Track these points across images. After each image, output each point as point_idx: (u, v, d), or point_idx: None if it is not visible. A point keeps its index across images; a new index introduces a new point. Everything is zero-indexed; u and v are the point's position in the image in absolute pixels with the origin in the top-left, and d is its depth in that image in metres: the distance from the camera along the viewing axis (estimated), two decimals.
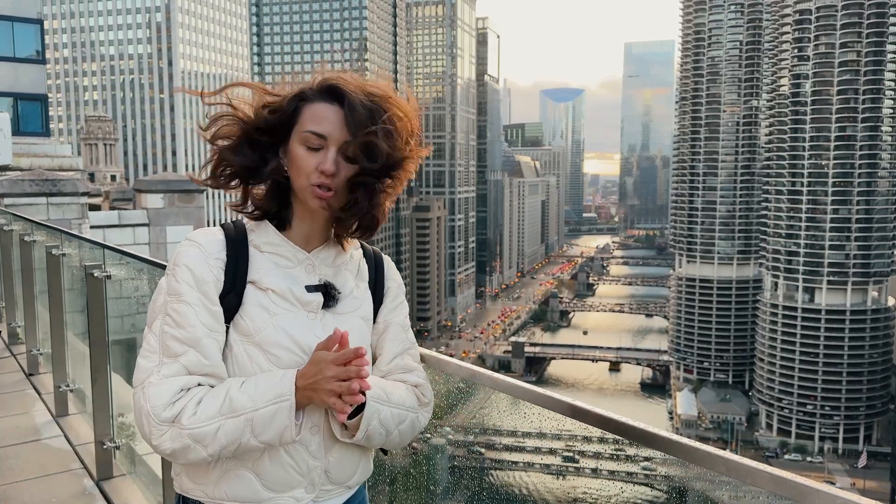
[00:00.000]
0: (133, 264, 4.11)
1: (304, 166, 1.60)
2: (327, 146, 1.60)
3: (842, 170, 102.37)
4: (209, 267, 1.61)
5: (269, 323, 1.61)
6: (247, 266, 1.65)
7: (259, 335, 1.60)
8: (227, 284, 1.62)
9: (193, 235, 1.67)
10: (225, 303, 1.61)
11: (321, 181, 1.59)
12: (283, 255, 1.68)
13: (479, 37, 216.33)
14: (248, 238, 1.69)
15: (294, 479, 1.63)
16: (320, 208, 1.63)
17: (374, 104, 1.61)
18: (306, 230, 1.71)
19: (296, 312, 1.65)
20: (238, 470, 1.61)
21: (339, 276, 1.74)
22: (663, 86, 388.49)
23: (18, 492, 4.08)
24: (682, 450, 1.44)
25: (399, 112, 1.64)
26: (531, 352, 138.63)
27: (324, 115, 1.61)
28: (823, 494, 1.19)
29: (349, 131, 1.60)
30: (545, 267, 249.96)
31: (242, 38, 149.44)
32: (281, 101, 1.66)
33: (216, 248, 1.64)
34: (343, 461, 1.69)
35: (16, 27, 28.64)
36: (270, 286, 1.64)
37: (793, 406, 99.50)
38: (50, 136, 32.35)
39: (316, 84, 1.65)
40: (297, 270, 1.68)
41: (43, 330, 6.18)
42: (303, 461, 1.63)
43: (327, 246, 1.73)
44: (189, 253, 1.63)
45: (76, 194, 15.35)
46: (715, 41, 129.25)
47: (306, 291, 1.67)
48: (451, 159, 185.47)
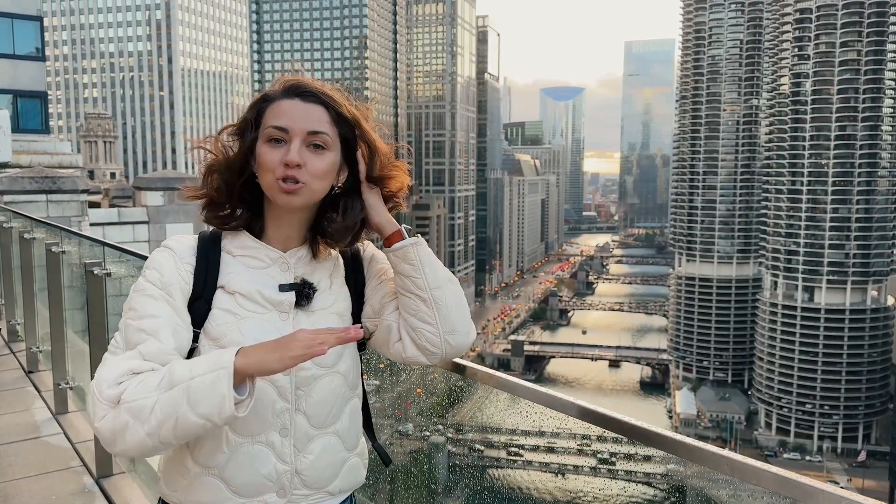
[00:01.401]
0: (133, 262, 4.10)
1: (268, 161, 1.59)
2: (290, 139, 1.59)
3: (842, 169, 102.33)
4: (177, 270, 1.61)
5: (235, 327, 1.59)
6: (217, 271, 1.64)
7: (224, 339, 1.58)
8: (197, 289, 1.61)
9: (168, 241, 1.68)
10: (195, 308, 1.60)
11: (286, 174, 1.57)
12: (255, 256, 1.67)
13: (479, 35, 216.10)
14: (222, 244, 1.68)
15: (262, 483, 1.59)
16: (288, 204, 1.61)
17: (346, 101, 1.67)
18: (282, 235, 1.69)
19: (265, 314, 1.62)
20: (204, 477, 1.59)
21: (315, 273, 1.71)
22: (663, 85, 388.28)
23: (18, 489, 4.08)
24: (686, 449, 1.43)
25: (368, 127, 1.68)
26: (531, 350, 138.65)
27: (285, 110, 1.61)
28: (828, 495, 1.18)
29: (328, 116, 1.62)
30: (545, 265, 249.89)
31: (242, 35, 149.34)
32: (245, 113, 1.67)
33: (187, 253, 1.65)
34: (318, 464, 1.65)
35: (15, 24, 28.60)
36: (237, 289, 1.63)
37: (792, 405, 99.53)
38: (49, 133, 32.32)
39: (278, 85, 1.67)
40: (272, 270, 1.66)
41: (43, 327, 6.17)
42: (270, 464, 1.59)
43: (304, 245, 1.71)
44: (158, 257, 1.64)
45: (76, 192, 15.35)
46: (715, 40, 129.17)
47: (279, 291, 1.64)
48: (450, 158, 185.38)
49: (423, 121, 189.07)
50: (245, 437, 1.59)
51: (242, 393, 1.43)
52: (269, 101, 1.65)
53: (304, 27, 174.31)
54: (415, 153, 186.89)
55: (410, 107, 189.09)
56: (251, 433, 1.59)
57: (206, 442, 1.58)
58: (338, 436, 1.69)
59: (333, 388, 1.68)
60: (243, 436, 1.59)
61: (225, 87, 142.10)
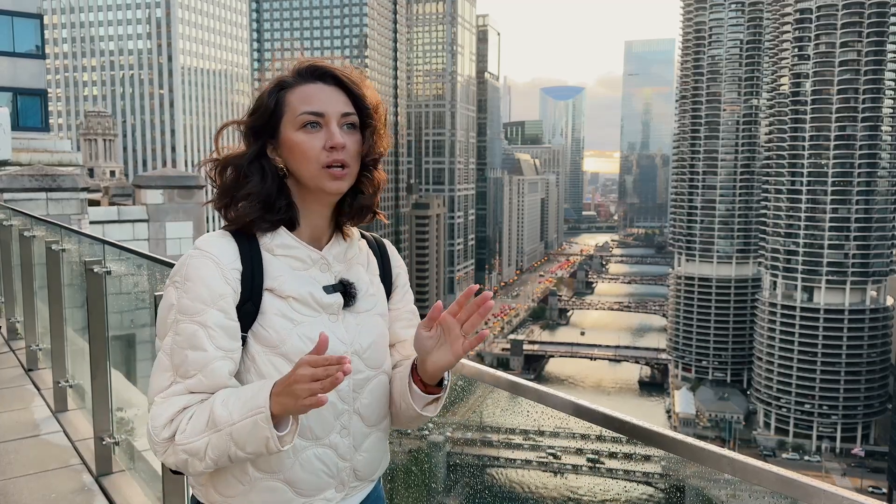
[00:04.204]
0: (133, 260, 4.10)
1: (310, 149, 1.54)
2: (328, 122, 1.55)
3: (841, 169, 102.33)
4: (226, 280, 1.52)
5: (294, 333, 1.56)
6: (262, 272, 1.57)
7: (284, 346, 1.54)
8: (245, 294, 1.55)
9: (204, 245, 1.56)
10: (242, 312, 1.54)
11: (334, 158, 1.54)
12: (297, 257, 1.61)
13: (479, 34, 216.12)
14: (260, 242, 1.60)
15: (325, 481, 1.62)
16: (339, 190, 1.58)
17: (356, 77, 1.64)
18: (313, 227, 1.64)
19: (318, 317, 1.60)
20: (268, 482, 1.58)
21: (351, 270, 1.69)
22: (663, 84, 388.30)
23: (17, 487, 4.08)
24: (687, 449, 1.43)
25: (371, 88, 1.64)
26: (530, 349, 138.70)
27: (314, 94, 1.56)
28: (829, 494, 1.18)
29: (350, 97, 1.59)
30: (544, 265, 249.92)
31: (242, 34, 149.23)
32: (258, 101, 1.61)
33: (231, 257, 1.55)
34: (370, 457, 1.69)
35: (15, 22, 28.55)
36: (291, 293, 1.57)
37: (791, 405, 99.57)
38: (49, 131, 32.28)
39: (293, 70, 1.61)
40: (313, 271, 1.62)
41: (42, 325, 6.17)
42: (333, 464, 1.62)
43: (336, 241, 1.68)
44: (202, 266, 1.52)
45: (75, 190, 15.34)
46: (715, 40, 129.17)
47: (325, 293, 1.61)
48: (450, 157, 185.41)
49: (423, 120, 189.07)
50: (310, 441, 1.59)
51: (285, 426, 1.43)
52: (287, 88, 1.59)
53: (304, 25, 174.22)
54: (415, 152, 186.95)
55: (410, 106, 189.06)
56: (316, 437, 1.59)
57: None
58: (383, 431, 1.74)
59: (382, 388, 1.70)
60: (308, 440, 1.58)
61: (225, 85, 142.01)
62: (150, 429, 1.50)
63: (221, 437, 1.42)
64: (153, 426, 1.49)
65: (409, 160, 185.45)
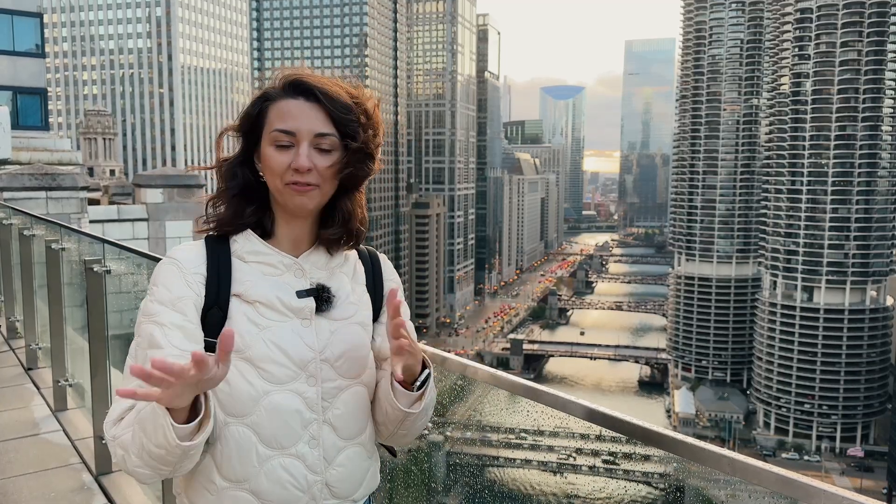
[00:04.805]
0: (132, 259, 4.10)
1: (276, 166, 1.54)
2: (298, 142, 1.54)
3: (841, 169, 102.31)
4: (187, 283, 1.54)
5: (259, 338, 1.54)
6: (230, 278, 1.57)
7: (249, 351, 1.53)
8: (210, 299, 1.55)
9: (172, 252, 1.60)
10: (208, 318, 1.54)
11: (295, 179, 1.53)
12: (268, 262, 1.60)
13: (479, 33, 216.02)
14: (231, 248, 1.61)
15: (294, 494, 1.56)
16: (301, 206, 1.57)
17: (349, 94, 1.59)
18: (292, 235, 1.63)
19: (287, 322, 1.57)
20: (234, 491, 1.55)
21: (333, 278, 1.66)
22: (663, 84, 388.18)
23: (17, 486, 4.08)
24: (687, 449, 1.42)
25: (370, 105, 1.61)
26: (529, 349, 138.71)
27: (290, 112, 1.55)
28: (829, 495, 1.18)
29: (331, 118, 1.55)
30: (544, 264, 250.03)
31: (242, 33, 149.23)
32: (244, 110, 1.62)
33: (194, 262, 1.57)
34: (346, 473, 1.63)
35: (15, 21, 28.54)
36: (257, 298, 1.56)
37: (790, 405, 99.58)
38: (49, 130, 32.24)
39: (278, 81, 1.60)
40: (286, 276, 1.61)
41: (42, 324, 6.17)
42: (301, 476, 1.56)
43: (317, 249, 1.66)
44: (166, 271, 1.57)
45: (75, 189, 15.35)
46: (716, 39, 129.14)
47: (297, 297, 1.59)
48: (450, 156, 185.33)
49: (423, 119, 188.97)
50: (275, 451, 1.55)
51: (194, 420, 1.36)
52: (271, 100, 1.58)
53: (304, 24, 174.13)
54: (415, 151, 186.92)
55: (410, 105, 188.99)
56: (281, 446, 1.55)
57: (234, 457, 1.54)
58: (362, 446, 1.68)
59: (358, 400, 1.65)
60: (273, 448, 1.55)
61: (225, 84, 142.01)
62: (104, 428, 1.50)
63: (136, 428, 1.40)
64: (105, 424, 1.49)
65: (409, 159, 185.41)
